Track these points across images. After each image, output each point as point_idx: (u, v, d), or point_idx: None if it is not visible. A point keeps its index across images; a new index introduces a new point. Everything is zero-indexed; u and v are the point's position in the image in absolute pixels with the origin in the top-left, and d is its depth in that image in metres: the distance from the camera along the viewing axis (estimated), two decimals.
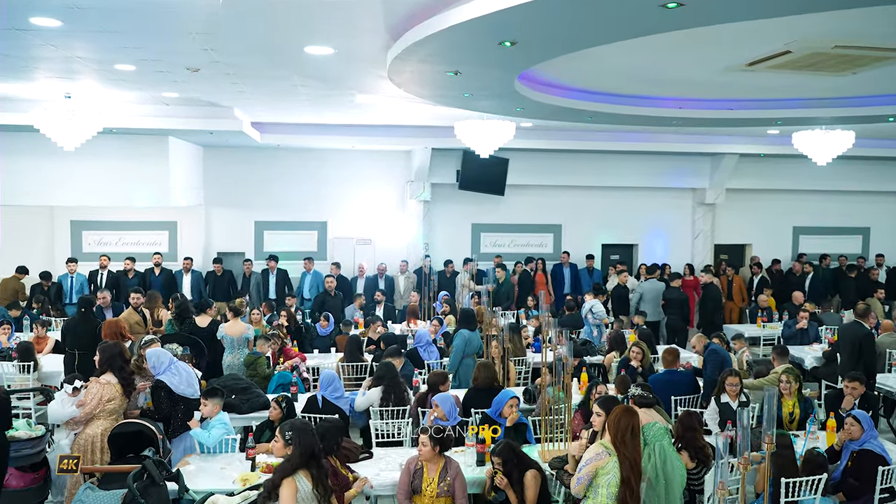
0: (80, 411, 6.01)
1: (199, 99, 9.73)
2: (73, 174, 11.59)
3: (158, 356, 6.83)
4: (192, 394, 6.63)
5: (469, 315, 9.56)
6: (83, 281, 12.26)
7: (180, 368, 6.82)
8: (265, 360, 8.45)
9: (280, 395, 6.54)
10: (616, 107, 7.99)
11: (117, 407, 6.22)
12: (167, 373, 6.78)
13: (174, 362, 6.86)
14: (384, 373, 7.36)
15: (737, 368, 8.31)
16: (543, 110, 8.41)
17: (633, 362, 8.60)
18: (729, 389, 6.74)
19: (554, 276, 14.51)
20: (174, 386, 6.60)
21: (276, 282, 13.41)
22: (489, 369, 7.25)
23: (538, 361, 9.82)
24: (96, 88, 8.93)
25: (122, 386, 6.23)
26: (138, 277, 12.68)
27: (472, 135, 9.95)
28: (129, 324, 9.13)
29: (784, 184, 15.72)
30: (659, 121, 8.99)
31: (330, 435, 5.31)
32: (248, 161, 14.38)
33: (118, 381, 6.21)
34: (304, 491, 4.48)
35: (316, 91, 8.86)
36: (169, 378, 6.71)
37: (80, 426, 6.07)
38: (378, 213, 14.91)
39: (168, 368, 6.80)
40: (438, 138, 13.15)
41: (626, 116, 8.57)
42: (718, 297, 12.02)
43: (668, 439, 5.00)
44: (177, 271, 13.06)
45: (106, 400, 6.11)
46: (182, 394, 6.59)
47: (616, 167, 15.03)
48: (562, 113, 8.53)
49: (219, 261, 13.30)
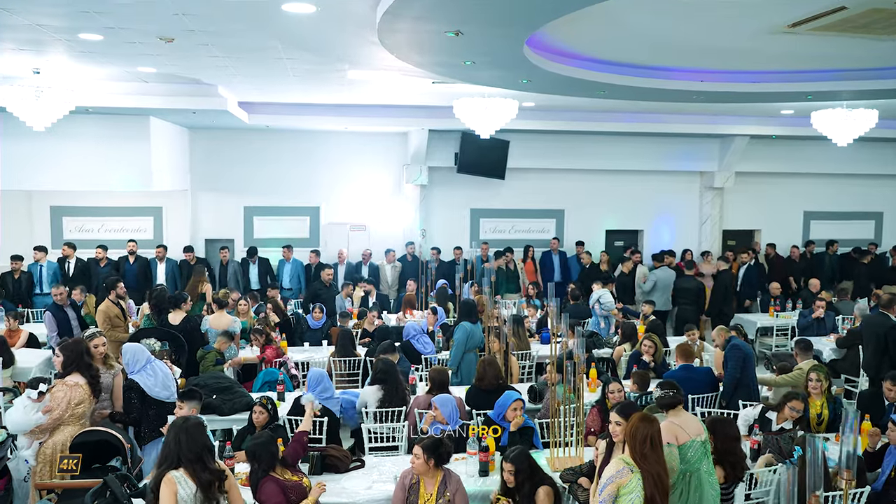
0: (47, 418, 5.43)
1: (180, 75, 9.07)
2: (49, 156, 10.92)
3: (135, 353, 6.26)
4: (167, 397, 6.06)
5: (470, 307, 8.97)
6: (55, 269, 11.61)
7: (157, 368, 6.25)
8: (213, 356, 7.83)
9: (264, 396, 5.94)
10: (632, 79, 7.32)
11: (86, 410, 5.66)
12: (142, 372, 6.22)
13: (151, 361, 6.28)
14: (386, 371, 6.76)
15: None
16: (552, 82, 7.72)
17: (644, 356, 8.04)
18: (789, 414, 6.04)
19: (542, 265, 13.89)
20: (148, 388, 6.03)
21: (259, 272, 12.80)
22: (494, 367, 6.65)
23: (543, 355, 9.30)
24: (66, 63, 8.28)
25: (89, 386, 5.67)
26: (111, 266, 12.06)
27: (473, 114, 9.30)
28: (109, 317, 8.55)
29: (795, 167, 15.13)
30: (677, 95, 8.29)
31: (260, 453, 4.84)
32: (237, 144, 13.74)
33: (86, 382, 5.65)
34: (184, 493, 4.07)
35: (303, 65, 8.22)
36: (143, 379, 6.14)
37: (46, 434, 5.49)
38: (373, 199, 14.29)
39: (144, 368, 6.24)
40: (436, 119, 12.50)
41: (643, 90, 7.86)
42: (730, 285, 11.43)
43: (708, 460, 4.40)
44: (151, 259, 12.45)
45: (75, 403, 5.54)
46: (156, 397, 6.02)
47: (621, 150, 14.41)
48: (572, 85, 7.83)
49: (190, 249, 12.59)
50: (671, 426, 4.52)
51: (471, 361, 8.30)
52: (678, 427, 4.54)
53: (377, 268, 13.21)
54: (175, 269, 12.46)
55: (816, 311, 10.52)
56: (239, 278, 12.61)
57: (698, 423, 4.71)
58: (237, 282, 12.53)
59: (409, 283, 12.28)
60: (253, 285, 12.62)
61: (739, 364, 7.29)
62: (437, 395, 6.13)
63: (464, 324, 8.48)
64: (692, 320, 11.61)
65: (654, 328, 8.93)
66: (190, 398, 5.73)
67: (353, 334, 9.02)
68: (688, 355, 7.37)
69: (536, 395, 7.27)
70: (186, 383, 7.06)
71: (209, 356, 7.77)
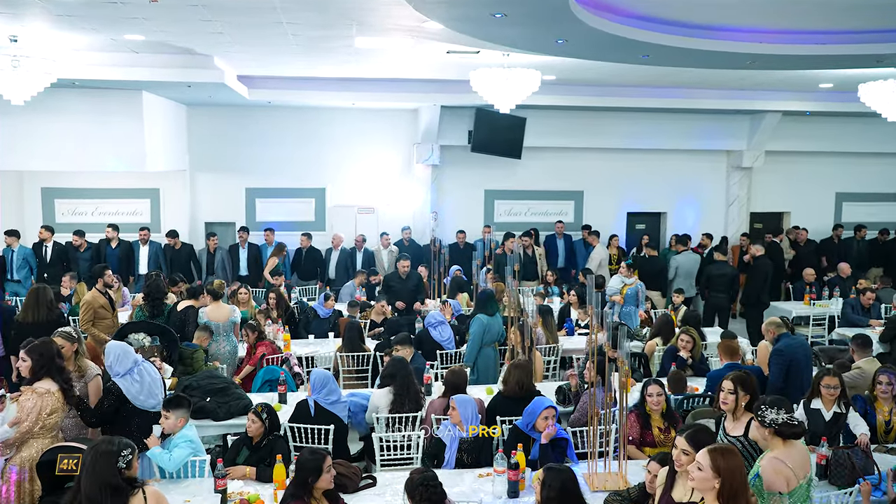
0: (14, 431, 4.72)
1: (172, 44, 8.30)
2: (35, 135, 10.18)
3: (120, 354, 5.50)
4: (153, 406, 5.33)
5: (488, 297, 8.24)
6: (26, 255, 10.89)
7: (144, 372, 5.46)
8: (202, 355, 7.10)
9: (259, 404, 5.22)
10: (681, 39, 6.46)
11: (58, 420, 4.96)
12: (127, 377, 5.48)
13: (139, 364, 5.51)
14: (395, 370, 6.05)
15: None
16: (591, 43, 6.82)
17: (682, 352, 7.28)
18: (825, 393, 5.39)
19: (546, 249, 13.09)
20: (132, 396, 5.29)
21: (248, 258, 12.08)
22: (525, 371, 5.88)
23: (568, 349, 8.58)
24: (45, 30, 7.52)
25: (62, 393, 4.96)
26: (91, 250, 11.35)
27: (491, 87, 8.48)
28: (94, 308, 7.85)
29: (829, 145, 14.28)
30: (729, 60, 7.25)
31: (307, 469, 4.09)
32: (237, 122, 12.98)
33: (59, 388, 4.94)
34: None
35: (306, 30, 7.43)
36: (126, 384, 5.40)
37: (13, 449, 4.79)
38: (382, 179, 13.52)
39: (129, 372, 5.50)
40: (449, 94, 11.70)
41: (691, 53, 6.86)
42: (769, 272, 10.62)
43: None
44: (134, 242, 11.72)
45: (46, 413, 4.83)
46: (140, 406, 5.30)
47: (644, 127, 13.58)
48: (613, 47, 6.90)
49: (174, 234, 11.81)
50: (782, 468, 3.63)
51: (489, 357, 7.61)
52: (789, 470, 3.63)
53: (372, 253, 12.50)
54: (159, 252, 11.73)
55: (865, 300, 9.78)
56: (227, 267, 11.85)
57: (807, 456, 3.88)
58: (225, 270, 11.79)
59: (421, 269, 11.54)
60: (242, 272, 11.96)
61: (782, 372, 6.37)
62: (456, 395, 5.41)
63: (479, 316, 7.76)
64: (725, 309, 10.89)
65: (690, 320, 8.19)
66: (176, 406, 5.03)
67: (362, 326, 8.31)
68: (733, 352, 6.61)
69: (566, 397, 6.54)
70: (178, 383, 6.38)
71: (198, 355, 7.01)
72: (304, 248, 12.27)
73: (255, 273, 11.89)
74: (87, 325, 7.73)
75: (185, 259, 11.79)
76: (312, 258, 12.19)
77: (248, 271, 11.94)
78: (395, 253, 12.48)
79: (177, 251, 11.77)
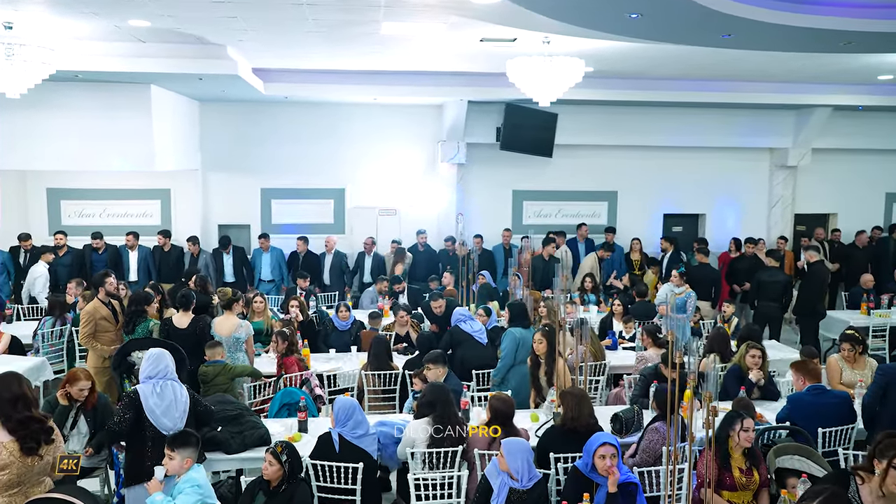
0: None
1: (181, 32, 7.60)
2: (37, 132, 9.52)
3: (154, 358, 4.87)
4: (165, 427, 4.66)
5: (521, 309, 7.48)
6: (4, 259, 10.26)
7: (169, 389, 4.80)
8: (228, 371, 6.38)
9: (279, 443, 4.48)
10: (770, 13, 5.59)
11: (15, 476, 3.97)
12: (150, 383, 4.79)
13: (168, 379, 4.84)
14: (435, 397, 5.29)
15: None
16: (668, 17, 5.94)
17: (752, 373, 6.45)
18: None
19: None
20: (149, 409, 4.64)
21: (234, 262, 11.41)
22: (578, 399, 5.09)
23: (616, 366, 7.79)
24: (43, 16, 6.85)
25: (18, 442, 3.97)
26: (72, 255, 10.68)
27: (530, 78, 7.72)
28: (96, 320, 7.16)
29: (880, 142, 13.38)
30: (823, 39, 6.25)
31: None
32: (252, 118, 12.29)
33: (12, 438, 3.97)
34: None
35: (330, 14, 6.70)
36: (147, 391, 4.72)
37: None
38: (404, 179, 12.77)
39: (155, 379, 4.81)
40: (477, 88, 10.95)
41: (780, 31, 5.88)
42: (826, 279, 9.79)
43: None
44: (121, 247, 11.03)
45: None
46: (153, 421, 4.64)
47: (682, 124, 12.76)
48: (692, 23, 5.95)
49: (167, 233, 11.16)
50: None
51: (522, 374, 6.82)
52: None
53: (381, 258, 11.75)
54: (149, 256, 11.02)
55: None
56: (211, 273, 11.07)
57: None
58: (209, 275, 11.03)
59: (446, 275, 10.79)
60: (227, 278, 11.28)
61: (879, 391, 5.69)
62: (507, 439, 4.66)
63: (513, 330, 7.05)
64: (777, 319, 10.06)
65: (751, 334, 7.36)
66: (183, 444, 4.29)
67: (389, 341, 7.57)
68: (816, 374, 5.82)
69: (623, 426, 5.77)
70: None
71: (221, 373, 6.29)
72: (300, 252, 11.57)
73: (241, 279, 11.22)
74: (87, 340, 7.06)
75: (173, 263, 11.08)
76: (309, 263, 11.45)
77: (235, 277, 11.27)
78: (407, 258, 11.76)
79: (166, 253, 11.07)
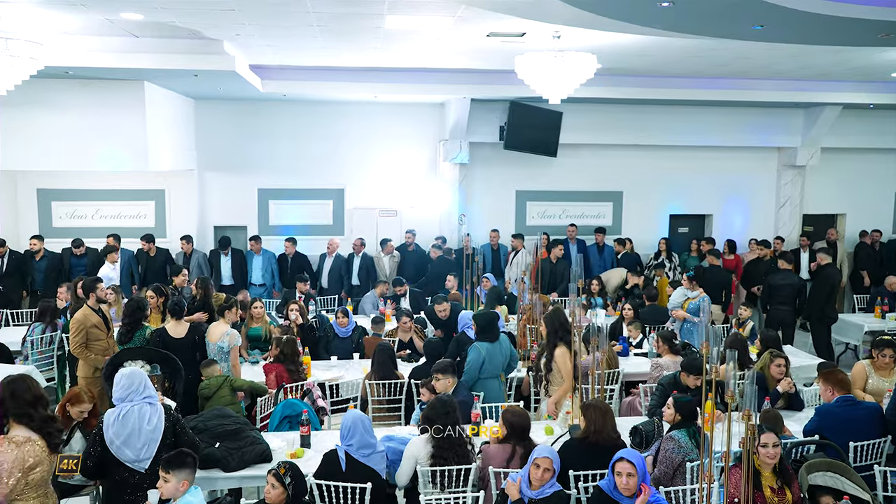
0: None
1: (176, 26, 7.29)
2: (25, 131, 9.20)
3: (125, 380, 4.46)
4: (127, 459, 4.27)
5: (489, 321, 6.56)
6: None
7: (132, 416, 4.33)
8: (229, 384, 6.06)
9: (282, 464, 4.17)
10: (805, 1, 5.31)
11: (46, 475, 3.93)
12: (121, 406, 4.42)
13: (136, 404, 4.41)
14: (434, 413, 4.96)
15: None
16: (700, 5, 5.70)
17: (781, 385, 6.14)
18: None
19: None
20: (109, 440, 4.28)
21: (232, 265, 11.08)
22: (600, 412, 4.79)
23: (629, 373, 7.50)
24: (30, 8, 6.52)
25: (45, 441, 3.93)
26: (48, 259, 10.35)
27: (540, 74, 7.44)
28: (86, 328, 6.83)
29: (890, 142, 13.12)
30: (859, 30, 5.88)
31: None
32: (250, 117, 11.96)
33: (40, 437, 3.92)
34: None
35: (332, 7, 6.40)
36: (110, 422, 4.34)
37: None
38: (405, 179, 12.46)
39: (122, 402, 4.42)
40: (480, 86, 10.67)
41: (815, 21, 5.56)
42: (837, 282, 9.52)
43: None
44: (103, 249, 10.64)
45: (28, 468, 3.81)
46: (112, 450, 4.28)
47: (688, 123, 12.49)
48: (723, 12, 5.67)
49: (150, 238, 10.76)
50: None
51: (491, 390, 6.35)
52: None
53: (371, 259, 11.46)
54: (132, 260, 10.65)
55: None
56: (204, 273, 10.65)
57: None
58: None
59: (450, 278, 10.49)
60: (225, 281, 10.93)
61: None
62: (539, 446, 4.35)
63: (478, 344, 6.41)
64: (790, 324, 9.78)
65: (770, 341, 7.07)
66: (178, 466, 3.97)
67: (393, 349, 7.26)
68: (846, 384, 5.54)
69: (644, 439, 5.47)
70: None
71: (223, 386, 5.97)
72: (289, 254, 11.27)
73: (239, 283, 10.87)
74: (78, 349, 6.73)
75: (160, 267, 10.70)
76: (299, 266, 11.13)
77: (234, 280, 10.93)
78: (396, 259, 11.46)
79: (152, 258, 10.70)
